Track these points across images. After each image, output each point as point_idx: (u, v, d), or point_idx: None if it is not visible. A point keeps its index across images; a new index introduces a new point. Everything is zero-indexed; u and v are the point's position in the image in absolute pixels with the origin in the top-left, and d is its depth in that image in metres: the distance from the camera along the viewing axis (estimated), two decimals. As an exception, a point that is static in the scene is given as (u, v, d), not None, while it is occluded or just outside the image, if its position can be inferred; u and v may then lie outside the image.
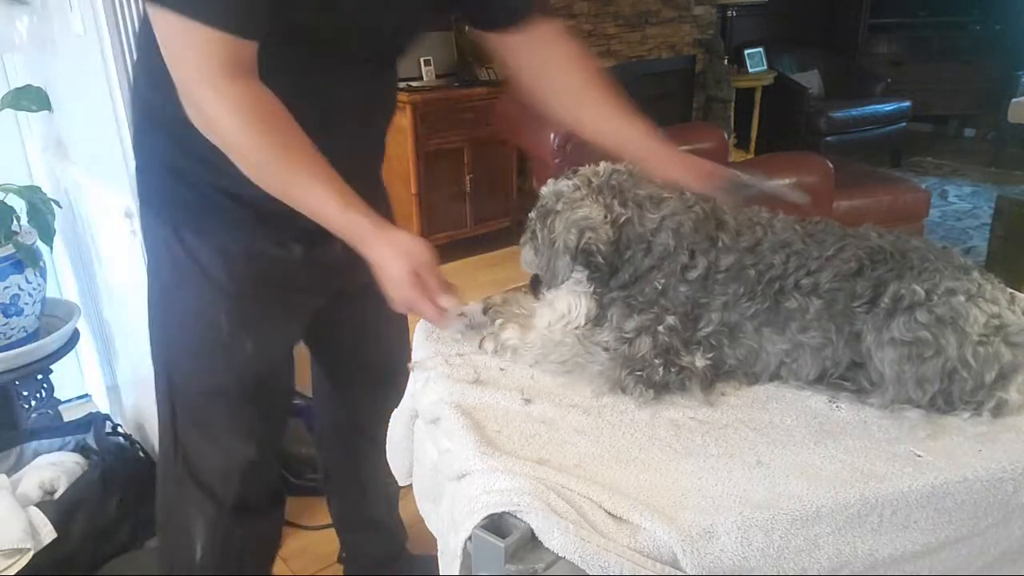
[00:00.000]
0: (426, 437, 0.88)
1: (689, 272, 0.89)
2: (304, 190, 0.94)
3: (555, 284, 0.94)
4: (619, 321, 0.90)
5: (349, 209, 0.93)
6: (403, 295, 0.93)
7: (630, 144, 1.10)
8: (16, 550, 1.63)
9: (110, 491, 1.86)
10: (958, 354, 0.81)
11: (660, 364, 0.86)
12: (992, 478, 0.73)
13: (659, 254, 0.90)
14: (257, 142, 0.92)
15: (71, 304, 2.14)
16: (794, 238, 0.90)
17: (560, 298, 0.95)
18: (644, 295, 0.90)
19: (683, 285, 0.89)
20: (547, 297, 0.97)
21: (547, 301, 0.97)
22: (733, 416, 0.83)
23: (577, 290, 0.94)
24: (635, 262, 0.91)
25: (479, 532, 0.64)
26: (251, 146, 0.92)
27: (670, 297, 0.89)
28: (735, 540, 0.65)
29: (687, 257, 0.89)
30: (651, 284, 0.90)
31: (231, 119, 0.90)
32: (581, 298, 0.94)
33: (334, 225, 0.94)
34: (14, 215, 1.88)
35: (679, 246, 0.89)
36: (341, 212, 0.93)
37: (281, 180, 0.94)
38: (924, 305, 0.82)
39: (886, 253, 0.88)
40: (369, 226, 0.93)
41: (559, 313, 0.95)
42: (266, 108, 0.92)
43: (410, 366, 0.96)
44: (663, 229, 0.90)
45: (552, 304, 0.96)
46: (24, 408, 2.05)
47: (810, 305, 0.86)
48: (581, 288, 0.94)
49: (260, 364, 1.23)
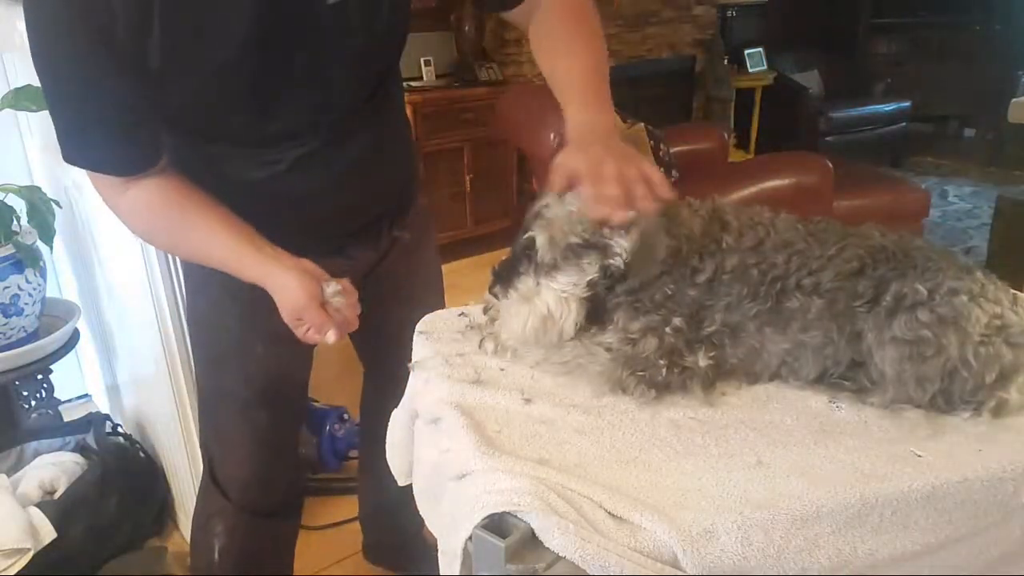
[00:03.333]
0: (426, 437, 0.88)
1: (698, 276, 0.88)
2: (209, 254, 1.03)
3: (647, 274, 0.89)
4: (625, 323, 0.90)
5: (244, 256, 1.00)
6: None
7: (554, 84, 1.05)
8: (16, 550, 1.63)
9: (110, 491, 1.86)
10: (959, 354, 0.81)
11: (664, 365, 0.85)
12: (992, 478, 0.73)
13: (669, 259, 0.89)
14: (156, 234, 1.06)
15: (71, 304, 2.14)
16: (796, 238, 0.90)
17: (541, 298, 0.90)
18: (653, 299, 0.89)
19: (691, 288, 0.88)
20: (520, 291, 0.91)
21: (524, 294, 0.91)
22: (733, 416, 0.83)
23: (568, 293, 0.89)
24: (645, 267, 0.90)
25: (479, 532, 0.64)
26: (153, 238, 1.09)
27: (677, 300, 0.88)
28: (735, 540, 0.65)
29: (697, 260, 0.89)
30: (660, 290, 0.89)
31: (132, 223, 1.03)
32: (571, 303, 0.89)
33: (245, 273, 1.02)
34: (14, 215, 1.88)
35: (690, 252, 0.89)
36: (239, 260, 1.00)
37: (190, 255, 1.08)
38: (926, 304, 0.82)
39: (888, 252, 0.88)
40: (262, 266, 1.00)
41: (538, 313, 0.89)
42: (157, 201, 0.99)
43: (410, 366, 0.96)
44: (673, 234, 0.90)
45: (530, 302, 0.90)
46: (24, 408, 2.05)
47: (812, 304, 0.86)
48: (575, 291, 0.89)
49: (272, 367, 1.24)
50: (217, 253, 1.01)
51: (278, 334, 1.20)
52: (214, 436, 1.32)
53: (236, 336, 1.22)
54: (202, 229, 0.99)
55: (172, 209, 0.99)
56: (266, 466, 1.31)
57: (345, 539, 1.90)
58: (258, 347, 1.22)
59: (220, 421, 1.30)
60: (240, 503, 1.32)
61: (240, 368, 1.24)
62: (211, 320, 1.24)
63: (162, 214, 0.99)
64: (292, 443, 1.41)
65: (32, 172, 2.24)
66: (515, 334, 0.92)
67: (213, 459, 1.33)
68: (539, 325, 0.90)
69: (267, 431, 1.28)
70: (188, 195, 0.99)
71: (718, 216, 0.92)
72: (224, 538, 1.33)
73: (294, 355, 1.28)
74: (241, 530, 1.33)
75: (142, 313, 1.68)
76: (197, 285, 1.25)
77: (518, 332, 0.91)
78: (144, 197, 0.97)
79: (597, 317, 0.91)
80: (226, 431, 1.30)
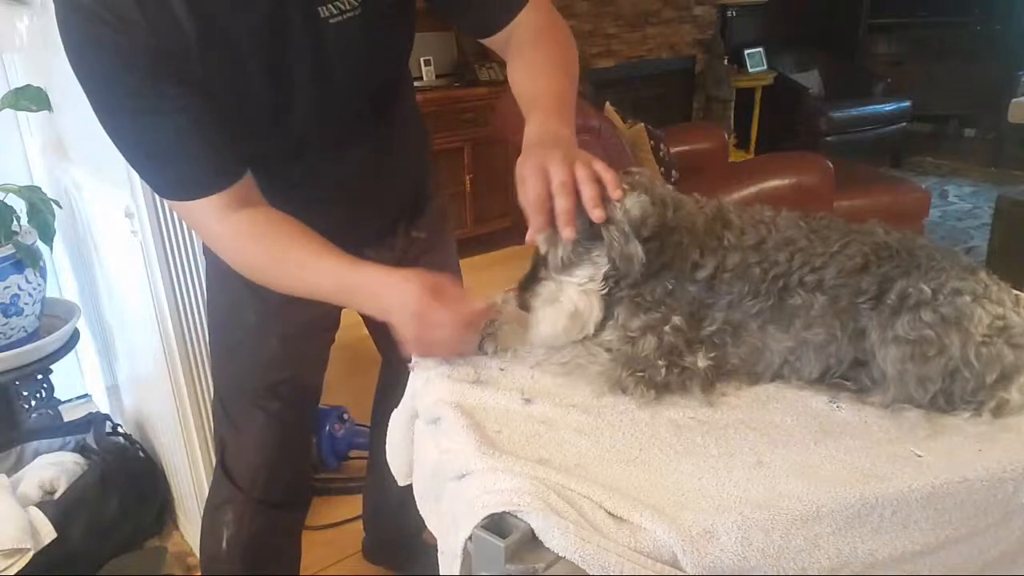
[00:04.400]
0: (426, 437, 0.88)
1: (698, 272, 0.88)
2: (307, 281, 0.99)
3: (632, 272, 0.88)
4: (625, 320, 0.90)
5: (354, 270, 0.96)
6: None
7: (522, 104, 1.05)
8: (16, 550, 1.63)
9: (110, 491, 1.86)
10: (961, 354, 0.81)
11: (663, 365, 0.85)
12: (992, 478, 0.73)
13: (671, 253, 0.89)
14: (260, 260, 1.01)
15: (71, 304, 2.14)
16: (799, 235, 0.90)
17: (566, 296, 0.91)
18: (653, 295, 0.89)
19: (691, 285, 0.88)
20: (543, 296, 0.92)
21: (548, 298, 0.92)
22: (733, 416, 0.83)
23: (589, 288, 0.91)
24: (648, 259, 0.89)
25: (479, 532, 0.64)
26: (256, 264, 1.02)
27: (677, 297, 0.88)
28: (735, 540, 0.65)
29: (698, 256, 0.89)
30: (661, 284, 0.89)
31: (236, 251, 1.01)
32: (592, 298, 0.91)
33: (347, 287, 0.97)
34: (14, 215, 1.88)
35: (691, 245, 0.89)
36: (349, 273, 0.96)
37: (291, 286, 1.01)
38: (930, 304, 0.82)
39: (892, 250, 0.88)
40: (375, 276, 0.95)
41: (566, 312, 0.91)
42: (260, 230, 0.98)
43: (410, 366, 0.96)
44: (679, 229, 0.90)
45: (556, 302, 0.91)
46: (24, 408, 2.06)
47: (815, 302, 0.86)
48: (593, 286, 0.91)
49: (285, 362, 1.29)
50: (325, 280, 0.97)
51: (294, 334, 1.27)
52: (226, 423, 1.34)
53: (253, 328, 1.26)
54: (307, 251, 0.97)
55: (279, 232, 0.98)
56: (276, 451, 1.34)
57: (345, 539, 1.91)
58: (273, 340, 1.26)
59: (232, 409, 1.34)
60: (250, 491, 1.34)
61: (255, 358, 1.28)
62: (230, 313, 1.28)
63: (270, 238, 0.98)
64: (302, 435, 1.45)
65: (32, 172, 2.24)
66: (548, 338, 0.92)
67: (225, 448, 1.36)
68: (569, 323, 0.91)
69: (278, 420, 1.32)
70: (289, 220, 0.99)
71: (722, 215, 0.92)
72: (232, 527, 1.36)
73: (308, 356, 1.34)
74: (249, 519, 1.36)
75: (142, 313, 1.68)
76: (219, 283, 1.29)
77: (551, 335, 0.92)
78: (246, 226, 0.98)
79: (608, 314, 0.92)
80: (238, 418, 1.33)
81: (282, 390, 1.31)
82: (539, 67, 1.06)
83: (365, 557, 1.85)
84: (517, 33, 1.11)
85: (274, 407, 1.31)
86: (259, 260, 1.00)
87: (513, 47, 1.11)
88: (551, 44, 1.09)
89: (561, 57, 1.08)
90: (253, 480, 1.35)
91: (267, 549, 1.41)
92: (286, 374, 1.30)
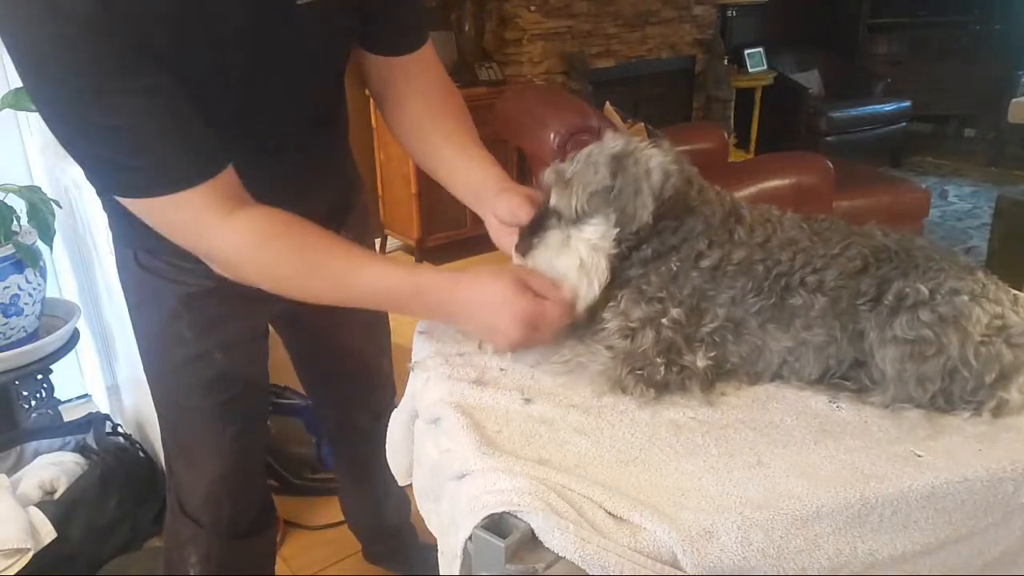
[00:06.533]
0: (426, 437, 0.88)
1: (703, 260, 0.89)
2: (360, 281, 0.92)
3: (630, 227, 0.88)
4: (627, 306, 0.90)
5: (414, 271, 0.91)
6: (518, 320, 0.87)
7: (467, 189, 1.06)
8: (16, 550, 1.63)
9: (110, 491, 1.86)
10: (960, 353, 0.81)
11: (662, 363, 0.85)
12: (992, 478, 0.73)
13: (683, 235, 0.90)
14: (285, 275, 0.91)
15: (71, 304, 2.14)
16: (801, 236, 0.90)
17: (573, 246, 0.90)
18: (659, 274, 0.89)
19: (695, 272, 0.89)
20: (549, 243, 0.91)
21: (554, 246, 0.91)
22: (733, 416, 0.83)
23: (599, 245, 0.90)
24: (663, 237, 0.90)
25: (479, 532, 0.64)
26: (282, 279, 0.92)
27: (680, 283, 0.89)
28: (735, 540, 0.65)
29: (705, 245, 0.89)
30: (667, 264, 0.89)
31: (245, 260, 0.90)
32: (600, 256, 0.90)
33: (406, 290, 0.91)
34: (14, 215, 1.88)
35: (703, 233, 0.89)
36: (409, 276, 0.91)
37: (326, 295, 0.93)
38: (928, 304, 0.82)
39: (891, 252, 0.88)
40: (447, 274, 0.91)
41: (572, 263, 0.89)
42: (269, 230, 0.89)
43: (410, 366, 0.96)
44: (697, 213, 0.90)
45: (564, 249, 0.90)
46: (24, 408, 2.06)
47: (815, 302, 0.86)
48: (603, 244, 0.90)
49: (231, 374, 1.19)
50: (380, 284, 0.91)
51: (233, 340, 1.17)
52: (178, 456, 1.26)
53: (191, 344, 1.15)
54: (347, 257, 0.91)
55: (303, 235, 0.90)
56: (235, 477, 1.26)
57: (345, 539, 1.90)
58: (216, 354, 1.16)
59: (183, 437, 1.24)
60: (213, 526, 1.27)
61: (198, 377, 1.17)
62: (164, 331, 1.16)
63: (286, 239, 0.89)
64: (260, 451, 1.36)
65: (32, 172, 2.24)
66: (548, 270, 0.91)
67: (180, 485, 1.28)
68: (575, 275, 0.90)
69: (233, 441, 1.23)
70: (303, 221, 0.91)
71: (736, 210, 0.93)
72: (199, 568, 1.28)
73: (251, 360, 1.23)
74: (216, 556, 1.28)
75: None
76: (144, 298, 1.17)
77: (549, 272, 0.91)
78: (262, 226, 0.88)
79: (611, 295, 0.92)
80: (191, 447, 1.24)
81: (236, 408, 1.21)
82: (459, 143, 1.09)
83: (365, 557, 1.85)
84: (419, 83, 1.11)
85: (230, 430, 1.21)
86: (285, 269, 0.90)
87: (413, 120, 1.11)
88: (455, 112, 1.12)
89: (466, 124, 1.12)
90: (215, 514, 1.26)
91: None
92: (236, 389, 1.20)
